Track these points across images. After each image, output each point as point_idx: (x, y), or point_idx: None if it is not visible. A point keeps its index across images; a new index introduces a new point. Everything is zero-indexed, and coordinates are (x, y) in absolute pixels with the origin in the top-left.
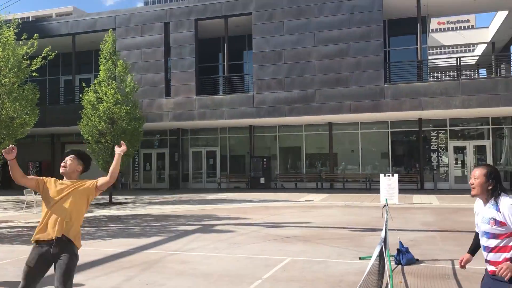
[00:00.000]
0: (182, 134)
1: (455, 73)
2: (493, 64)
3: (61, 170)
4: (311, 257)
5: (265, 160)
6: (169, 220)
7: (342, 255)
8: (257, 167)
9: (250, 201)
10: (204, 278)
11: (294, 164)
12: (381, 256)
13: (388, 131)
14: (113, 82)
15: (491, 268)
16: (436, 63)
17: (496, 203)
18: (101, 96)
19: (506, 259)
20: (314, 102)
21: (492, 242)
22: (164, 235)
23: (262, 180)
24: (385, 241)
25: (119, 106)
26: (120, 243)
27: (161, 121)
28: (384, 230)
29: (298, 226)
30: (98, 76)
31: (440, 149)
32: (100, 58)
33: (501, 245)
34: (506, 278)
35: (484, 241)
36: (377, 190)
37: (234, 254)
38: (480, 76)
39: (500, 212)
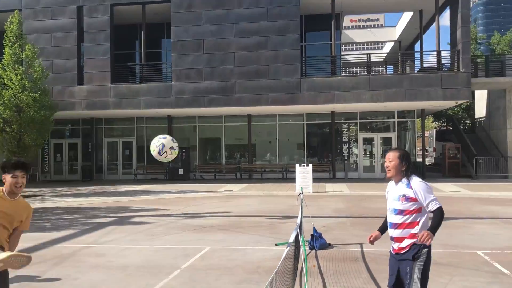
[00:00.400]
0: (96, 123)
1: (365, 69)
2: (399, 61)
3: None
4: (229, 246)
5: (184, 151)
6: (83, 213)
7: (259, 242)
8: (176, 158)
9: (168, 192)
10: (121, 270)
11: (214, 155)
12: (296, 241)
13: (303, 123)
14: (19, 67)
15: (396, 245)
16: (348, 59)
17: (408, 181)
18: (5, 82)
19: (412, 235)
20: (234, 94)
21: (400, 219)
22: (77, 228)
23: (181, 171)
24: (300, 227)
25: (27, 93)
26: (28, 238)
27: (73, 109)
28: (299, 217)
29: (217, 216)
30: (3, 60)
31: (351, 141)
32: (5, 41)
33: (408, 221)
34: (428, 243)
35: (391, 218)
36: (293, 180)
37: (152, 245)
38: (387, 72)
39: (412, 189)
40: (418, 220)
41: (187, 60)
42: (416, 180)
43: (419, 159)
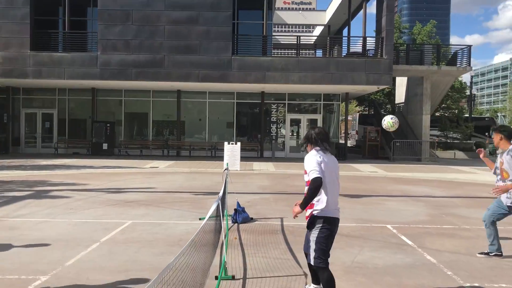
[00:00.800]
0: (13, 93)
1: (295, 51)
2: (327, 45)
3: None
4: (152, 220)
5: (108, 125)
6: None
7: (183, 216)
8: (99, 132)
9: (91, 167)
10: (35, 243)
11: (141, 131)
12: (218, 214)
13: (234, 102)
14: None
15: (307, 214)
16: (279, 40)
17: None
18: None
19: (311, 205)
20: (163, 68)
21: (305, 190)
22: None
23: (105, 146)
24: (223, 201)
25: None
26: None
27: None
28: (222, 191)
29: (141, 191)
30: None
31: (279, 121)
32: None
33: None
34: (293, 216)
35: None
36: (222, 158)
37: (71, 219)
38: (316, 55)
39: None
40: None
41: (115, 31)
42: (307, 155)
43: (342, 141)
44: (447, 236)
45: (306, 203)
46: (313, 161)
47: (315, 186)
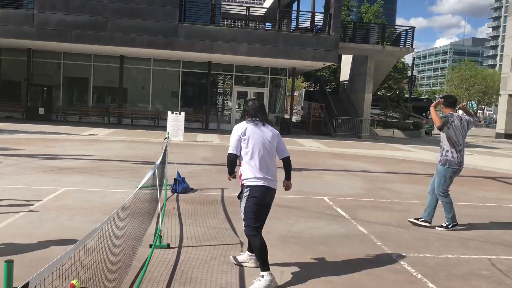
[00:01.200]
0: None
1: (244, 23)
2: (277, 18)
3: None
4: (88, 188)
5: (45, 89)
6: None
7: (120, 185)
8: (35, 96)
9: (25, 132)
10: None
11: (80, 97)
12: (155, 183)
13: (179, 71)
14: None
15: None
16: (229, 10)
17: None
18: None
19: (240, 176)
20: (106, 31)
21: None
22: None
23: (42, 111)
24: (162, 170)
25: None
26: None
27: None
28: (160, 160)
29: (77, 158)
30: None
31: (226, 93)
32: None
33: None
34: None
35: None
36: (165, 128)
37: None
38: (266, 28)
39: None
40: (241, 162)
41: None
42: (233, 128)
43: (287, 116)
44: (380, 209)
45: (228, 172)
46: (233, 137)
47: (228, 161)
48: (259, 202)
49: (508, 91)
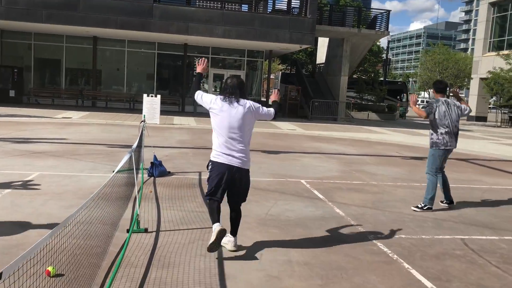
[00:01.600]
0: None
1: (221, 4)
2: (253, 0)
3: None
4: (62, 172)
5: (16, 70)
6: None
7: (96, 169)
8: (5, 78)
9: None
10: None
11: (53, 79)
12: (132, 167)
13: (155, 53)
14: None
15: None
16: None
17: None
18: None
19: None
20: (78, 11)
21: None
22: None
23: (12, 93)
24: (138, 154)
25: None
26: None
27: None
28: (136, 143)
29: (51, 142)
30: None
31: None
32: None
33: None
34: None
35: None
36: (140, 111)
37: None
38: (242, 10)
39: None
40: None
41: None
42: None
43: (264, 99)
44: (356, 191)
45: (192, 89)
46: (207, 96)
47: (193, 81)
48: (221, 178)
49: (480, 75)
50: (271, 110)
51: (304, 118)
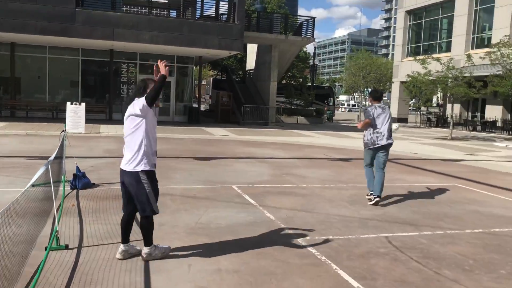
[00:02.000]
0: None
1: (148, 10)
2: (181, 6)
3: None
4: None
5: None
6: None
7: (13, 183)
8: None
9: None
10: None
11: None
12: (49, 180)
13: (79, 59)
14: None
15: None
16: None
17: None
18: None
19: None
20: None
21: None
22: None
23: None
24: (59, 166)
25: None
26: None
27: None
28: (54, 154)
29: None
30: None
31: (130, 82)
32: None
33: None
34: None
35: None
36: (64, 120)
37: None
38: (170, 16)
39: None
40: None
41: None
42: None
43: (196, 105)
44: (286, 194)
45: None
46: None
47: (158, 86)
48: (121, 183)
49: (400, 78)
50: (142, 98)
51: (236, 123)
